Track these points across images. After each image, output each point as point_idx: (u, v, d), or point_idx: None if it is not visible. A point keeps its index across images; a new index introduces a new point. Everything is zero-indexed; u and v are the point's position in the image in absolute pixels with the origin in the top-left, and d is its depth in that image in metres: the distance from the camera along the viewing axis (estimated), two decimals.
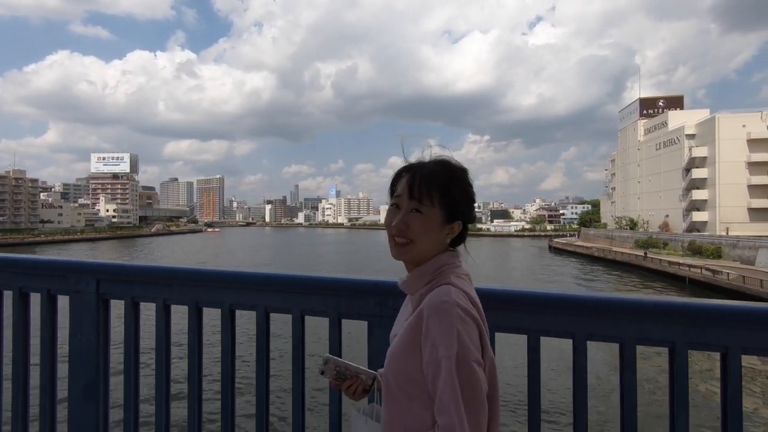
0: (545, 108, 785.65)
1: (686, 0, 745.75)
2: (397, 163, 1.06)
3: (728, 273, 30.93)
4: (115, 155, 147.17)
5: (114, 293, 1.77)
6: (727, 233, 45.07)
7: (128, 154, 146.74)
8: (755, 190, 47.38)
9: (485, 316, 0.97)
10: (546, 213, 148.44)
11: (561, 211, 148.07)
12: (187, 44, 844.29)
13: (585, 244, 62.16)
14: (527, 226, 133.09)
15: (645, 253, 39.66)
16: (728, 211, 48.27)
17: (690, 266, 34.74)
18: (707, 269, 33.11)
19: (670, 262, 37.78)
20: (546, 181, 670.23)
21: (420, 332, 0.90)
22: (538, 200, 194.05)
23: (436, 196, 0.99)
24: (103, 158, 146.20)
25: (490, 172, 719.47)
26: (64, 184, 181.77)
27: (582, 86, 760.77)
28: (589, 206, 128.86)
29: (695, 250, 42.39)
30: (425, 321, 0.89)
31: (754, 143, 47.39)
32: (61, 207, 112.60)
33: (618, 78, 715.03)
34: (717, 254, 40.14)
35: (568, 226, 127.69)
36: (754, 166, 47.48)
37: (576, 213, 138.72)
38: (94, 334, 1.75)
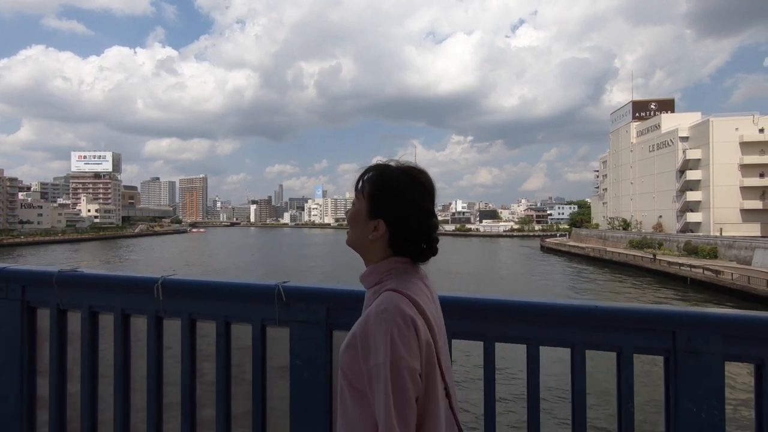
0: (527, 109, 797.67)
1: (662, 5, 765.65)
2: None
3: (732, 273, 31.40)
4: (97, 154, 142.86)
5: None
6: (721, 234, 46.08)
7: (110, 153, 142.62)
8: (747, 191, 48.52)
9: (445, 323, 1.05)
10: (534, 213, 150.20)
11: (548, 212, 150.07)
12: (167, 41, 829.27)
13: (579, 244, 62.88)
14: (516, 227, 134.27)
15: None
16: (721, 212, 49.34)
17: (691, 266, 35.28)
18: (709, 269, 33.64)
19: (670, 263, 38.36)
20: (528, 182, 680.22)
21: (362, 336, 0.93)
22: (524, 201, 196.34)
23: (366, 188, 1.06)
24: (85, 157, 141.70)
25: (474, 172, 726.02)
26: (42, 183, 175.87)
27: (562, 88, 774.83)
28: (575, 207, 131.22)
29: (691, 251, 43.12)
30: (367, 327, 0.93)
31: (747, 146, 48.52)
32: (41, 207, 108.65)
33: (598, 81, 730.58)
34: (713, 254, 40.87)
35: (555, 226, 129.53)
36: (746, 168, 48.60)
37: (562, 213, 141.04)
38: None
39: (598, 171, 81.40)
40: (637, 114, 65.13)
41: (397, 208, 1.03)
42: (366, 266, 1.10)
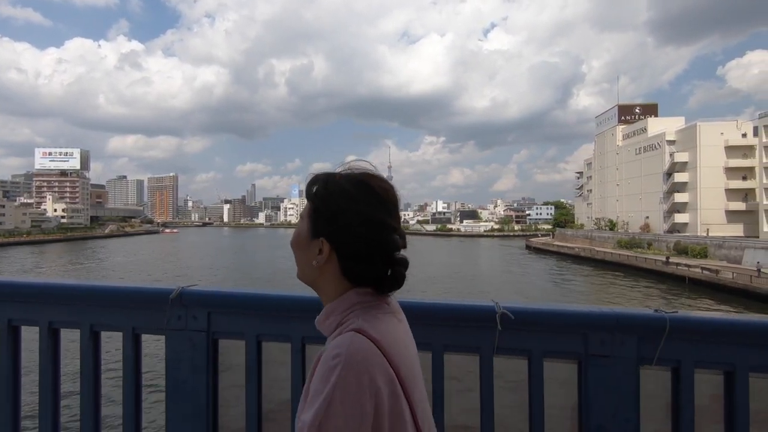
0: (498, 111, 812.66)
1: (626, 13, 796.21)
2: None
3: (732, 272, 32.33)
4: (64, 150, 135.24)
5: None
6: (708, 234, 47.79)
7: (78, 150, 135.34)
8: (732, 193, 50.48)
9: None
10: (513, 214, 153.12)
11: (527, 212, 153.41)
12: (131, 34, 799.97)
13: (566, 244, 64.05)
14: (496, 227, 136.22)
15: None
16: (707, 213, 51.15)
17: (689, 266, 36.31)
18: (707, 269, 34.65)
19: (668, 262, 39.44)
20: (499, 182, 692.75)
21: (307, 383, 0.77)
22: (499, 201, 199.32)
23: (309, 205, 0.85)
24: (50, 153, 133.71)
25: (446, 173, 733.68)
26: (0, 181, 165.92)
27: (532, 91, 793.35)
28: (552, 207, 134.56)
29: (681, 250, 44.54)
30: (313, 371, 0.75)
31: (731, 150, 50.46)
32: (3, 206, 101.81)
33: (566, 85, 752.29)
34: (703, 254, 42.27)
35: (533, 226, 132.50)
36: (730, 171, 50.56)
37: (540, 214, 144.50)
38: None
39: (582, 172, 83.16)
40: (622, 117, 66.93)
41: (342, 222, 0.80)
42: (323, 305, 0.86)
